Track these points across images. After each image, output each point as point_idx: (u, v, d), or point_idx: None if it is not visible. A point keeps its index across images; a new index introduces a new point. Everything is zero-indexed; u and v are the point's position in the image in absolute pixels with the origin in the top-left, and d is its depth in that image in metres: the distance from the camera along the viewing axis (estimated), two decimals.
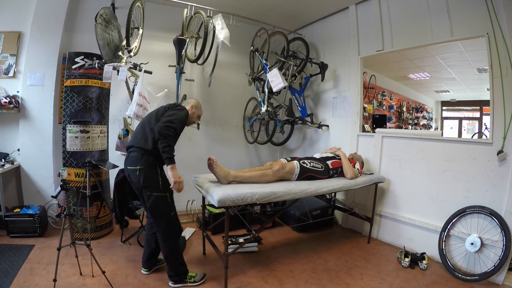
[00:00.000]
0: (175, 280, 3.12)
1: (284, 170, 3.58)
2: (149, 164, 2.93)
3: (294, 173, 3.65)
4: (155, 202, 2.98)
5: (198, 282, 3.16)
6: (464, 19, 3.63)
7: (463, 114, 10.73)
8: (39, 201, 4.44)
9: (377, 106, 7.28)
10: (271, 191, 3.14)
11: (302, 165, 3.71)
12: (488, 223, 3.39)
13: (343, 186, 3.79)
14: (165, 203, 3.02)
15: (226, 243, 3.06)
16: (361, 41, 4.88)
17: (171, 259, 3.09)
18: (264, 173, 3.48)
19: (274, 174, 3.51)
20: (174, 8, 4.93)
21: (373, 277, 3.44)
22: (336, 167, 3.99)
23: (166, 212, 3.04)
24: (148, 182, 2.94)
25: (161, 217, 3.04)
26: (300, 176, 3.67)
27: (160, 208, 3.02)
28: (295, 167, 3.66)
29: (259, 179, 3.42)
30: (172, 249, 3.08)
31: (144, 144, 2.94)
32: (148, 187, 2.95)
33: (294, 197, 3.32)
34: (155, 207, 3.01)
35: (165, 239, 3.06)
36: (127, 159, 3.07)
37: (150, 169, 2.94)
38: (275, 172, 3.52)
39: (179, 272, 3.12)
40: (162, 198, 2.98)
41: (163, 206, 3.02)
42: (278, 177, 3.54)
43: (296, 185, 3.43)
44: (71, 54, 4.09)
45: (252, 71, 5.69)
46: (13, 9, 4.43)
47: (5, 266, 3.25)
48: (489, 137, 3.49)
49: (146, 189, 2.96)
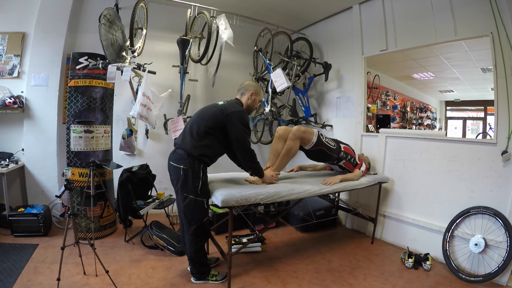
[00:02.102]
0: (197, 277, 3.20)
1: (304, 130, 3.60)
2: (193, 166, 2.94)
3: (312, 140, 3.64)
4: (189, 205, 2.99)
5: (220, 281, 3.21)
6: (468, 18, 3.61)
7: (467, 114, 10.69)
8: (43, 201, 4.46)
9: (381, 106, 7.25)
10: (275, 191, 3.13)
11: (319, 137, 3.71)
12: (492, 223, 3.37)
13: (347, 186, 3.76)
14: (200, 208, 3.02)
15: (229, 243, 3.07)
16: (365, 41, 4.87)
17: (195, 261, 3.15)
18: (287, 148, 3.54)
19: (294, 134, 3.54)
20: (178, 9, 4.93)
21: (376, 278, 3.43)
22: (347, 153, 3.94)
23: (199, 217, 3.05)
24: (187, 183, 2.96)
25: (193, 220, 3.06)
26: (315, 146, 3.66)
27: (194, 212, 3.03)
28: (314, 134, 3.67)
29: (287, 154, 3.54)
30: (197, 252, 3.13)
31: (191, 149, 2.95)
32: (185, 188, 2.97)
33: (297, 197, 3.29)
34: (189, 209, 3.02)
35: (192, 241, 3.08)
36: (172, 154, 3.10)
37: (193, 172, 2.94)
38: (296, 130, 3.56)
39: (201, 271, 3.19)
40: (198, 202, 2.99)
41: (198, 210, 3.02)
42: (298, 136, 3.54)
43: (300, 185, 3.41)
44: (75, 55, 4.10)
45: (255, 71, 5.69)
46: (17, 10, 4.46)
47: (9, 265, 3.27)
48: (494, 137, 3.47)
49: (183, 190, 2.99)
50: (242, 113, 3.06)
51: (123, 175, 3.87)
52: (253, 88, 3.26)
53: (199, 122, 3.03)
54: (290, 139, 3.53)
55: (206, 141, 2.97)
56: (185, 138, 3.03)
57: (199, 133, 2.97)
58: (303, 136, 3.58)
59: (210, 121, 3.00)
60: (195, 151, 2.93)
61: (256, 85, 3.34)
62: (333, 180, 3.64)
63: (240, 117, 3.01)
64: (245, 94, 3.26)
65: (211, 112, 3.06)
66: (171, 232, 4.05)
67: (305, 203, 4.54)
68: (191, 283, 3.18)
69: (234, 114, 2.99)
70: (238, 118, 2.99)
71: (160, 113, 4.89)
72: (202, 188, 2.98)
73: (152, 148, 5.28)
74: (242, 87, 3.31)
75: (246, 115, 3.12)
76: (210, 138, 2.99)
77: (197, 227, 3.05)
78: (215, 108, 3.08)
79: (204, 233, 3.17)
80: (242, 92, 3.29)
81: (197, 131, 2.98)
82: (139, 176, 4.12)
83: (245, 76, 5.80)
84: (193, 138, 2.97)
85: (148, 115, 4.11)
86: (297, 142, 3.54)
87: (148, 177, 4.35)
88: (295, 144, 3.52)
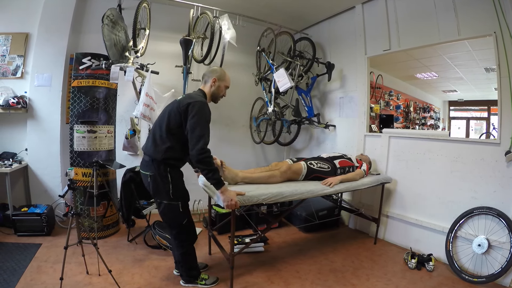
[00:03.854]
0: (186, 280, 3.15)
1: (291, 170, 3.56)
2: (159, 171, 2.83)
3: (301, 174, 3.63)
4: (165, 210, 2.93)
5: (209, 285, 3.16)
6: (471, 18, 3.60)
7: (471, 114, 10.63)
8: (47, 200, 4.47)
9: (384, 106, 7.23)
10: (278, 192, 3.13)
11: (309, 166, 3.68)
12: (496, 224, 3.35)
13: (349, 186, 3.76)
14: (176, 211, 2.91)
15: (232, 243, 3.05)
16: (368, 40, 4.86)
17: (184, 265, 3.10)
18: (272, 174, 3.45)
19: (281, 175, 3.48)
20: (181, 9, 4.94)
21: (379, 278, 3.43)
22: (344, 166, 3.93)
23: (177, 221, 2.97)
24: (158, 189, 2.87)
25: (172, 225, 3.02)
26: (307, 176, 3.65)
27: (171, 216, 2.97)
28: (302, 168, 3.64)
29: (267, 180, 3.40)
30: (184, 256, 3.07)
31: (154, 153, 2.84)
32: (158, 194, 2.89)
33: (300, 198, 3.31)
34: (165, 214, 2.97)
35: (176, 245, 3.05)
36: (141, 163, 3.03)
37: (160, 177, 2.83)
38: (283, 173, 3.49)
39: (190, 274, 3.13)
40: (172, 206, 2.89)
41: (174, 214, 2.93)
42: (285, 178, 3.52)
43: (303, 185, 3.42)
44: (78, 55, 4.12)
45: (258, 71, 5.68)
46: (21, 11, 4.48)
47: (13, 264, 3.28)
48: (497, 137, 3.45)
49: (156, 196, 2.92)
50: (200, 103, 2.75)
51: (126, 175, 3.88)
52: (216, 73, 3.01)
53: (160, 124, 2.88)
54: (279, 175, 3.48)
55: (169, 143, 2.80)
56: (148, 143, 2.95)
57: (161, 135, 2.83)
58: (291, 176, 3.58)
59: (169, 120, 2.81)
60: (158, 156, 2.81)
61: (220, 70, 3.07)
62: (333, 181, 3.61)
63: (195, 107, 2.71)
64: (208, 81, 3.00)
65: (169, 109, 2.87)
66: None
67: (308, 203, 4.54)
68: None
69: (189, 105, 2.72)
70: (193, 108, 2.71)
71: None
72: (174, 192, 2.86)
73: None
74: (204, 75, 3.06)
75: (204, 105, 2.79)
76: (173, 138, 2.81)
77: (177, 232, 3.01)
78: (172, 105, 2.91)
79: (189, 236, 3.08)
80: (205, 80, 3.04)
81: (160, 134, 2.85)
82: None
83: (248, 76, 5.82)
84: (155, 142, 2.86)
85: (151, 115, 4.11)
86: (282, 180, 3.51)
87: None
88: (279, 180, 3.48)
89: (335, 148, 5.40)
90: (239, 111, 6.11)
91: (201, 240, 4.27)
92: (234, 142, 6.08)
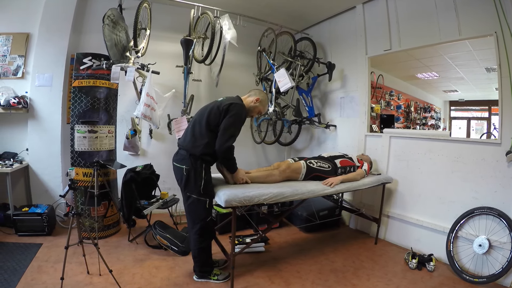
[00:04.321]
0: (199, 276, 3.23)
1: (290, 169, 3.57)
2: (195, 166, 2.95)
3: (301, 173, 3.62)
4: (193, 204, 3.03)
5: (221, 280, 3.22)
6: (472, 18, 3.60)
7: (472, 114, 10.64)
8: (47, 200, 4.47)
9: (385, 106, 7.24)
10: (279, 192, 3.13)
11: (308, 165, 3.68)
12: (497, 224, 3.35)
13: (350, 186, 3.76)
14: (203, 207, 3.02)
15: (233, 244, 3.07)
16: (369, 40, 4.86)
17: (199, 260, 3.18)
18: (270, 173, 3.48)
19: (280, 174, 3.49)
20: (181, 9, 4.95)
21: (380, 278, 3.42)
22: (345, 166, 3.93)
23: (202, 216, 3.06)
24: (190, 183, 2.98)
25: (196, 219, 3.08)
26: (307, 176, 3.65)
27: (197, 211, 3.05)
28: (301, 167, 3.63)
29: (265, 179, 3.42)
30: (201, 251, 3.15)
31: (192, 148, 2.97)
32: (189, 187, 3.00)
33: (301, 198, 3.32)
34: (192, 208, 3.08)
35: (196, 240, 3.11)
36: (176, 155, 3.15)
37: (195, 172, 2.95)
38: (282, 172, 3.51)
39: (203, 270, 3.22)
40: (201, 201, 3.00)
41: (201, 209, 3.03)
42: (284, 177, 3.53)
43: (304, 185, 3.41)
44: (79, 55, 4.12)
45: (259, 71, 5.68)
46: (21, 11, 4.49)
47: (13, 264, 3.28)
48: (498, 138, 3.45)
49: (186, 189, 3.03)
50: (240, 106, 3.02)
51: (127, 175, 3.88)
52: (262, 96, 3.27)
53: (200, 120, 3.03)
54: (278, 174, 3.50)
55: (207, 139, 2.95)
56: (186, 138, 3.08)
57: (201, 131, 2.98)
58: (290, 176, 3.59)
59: (209, 118, 2.98)
60: (196, 151, 2.95)
61: (266, 97, 3.36)
62: (334, 181, 3.60)
63: (236, 108, 2.96)
64: (252, 96, 3.23)
65: (210, 108, 3.05)
66: (175, 232, 4.07)
67: (309, 203, 4.53)
68: (194, 282, 3.19)
69: (230, 105, 2.95)
70: (233, 109, 2.94)
71: (164, 113, 4.91)
72: (204, 188, 2.98)
73: (156, 148, 5.29)
74: (252, 90, 3.33)
75: (243, 108, 3.07)
76: (211, 135, 2.96)
77: (200, 227, 3.06)
78: (213, 104, 3.09)
79: (208, 233, 3.17)
80: (250, 94, 3.28)
81: (199, 130, 2.99)
82: (143, 176, 4.12)
83: (249, 76, 5.81)
84: (194, 137, 3.00)
85: (152, 115, 4.11)
86: (281, 179, 3.53)
87: (152, 177, 4.35)
88: (278, 179, 3.49)
89: (336, 148, 5.39)
90: None
91: None
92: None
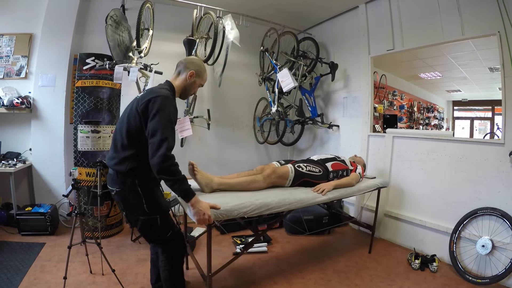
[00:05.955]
0: None
1: (276, 175, 3.11)
2: (127, 185, 2.28)
3: (288, 179, 3.18)
4: (144, 226, 2.40)
5: None
6: (475, 17, 3.58)
7: (475, 114, 10.59)
8: (51, 200, 4.50)
9: (388, 106, 7.21)
10: (263, 203, 2.68)
11: (297, 169, 3.24)
12: (500, 225, 3.34)
13: (344, 193, 3.41)
14: (156, 226, 2.35)
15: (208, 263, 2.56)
16: (371, 40, 4.85)
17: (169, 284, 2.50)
18: (253, 179, 3.01)
19: (265, 180, 3.04)
20: (184, 9, 4.95)
21: (382, 279, 3.42)
22: (337, 170, 3.55)
23: (160, 236, 2.43)
24: (129, 205, 2.37)
25: (155, 240, 2.54)
26: (295, 181, 3.22)
27: (152, 233, 2.46)
28: (288, 172, 3.19)
29: (247, 186, 2.96)
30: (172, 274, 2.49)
31: (117, 165, 2.28)
32: (131, 210, 2.41)
33: (288, 208, 2.88)
34: (145, 231, 2.48)
35: (165, 263, 2.49)
36: (107, 178, 2.45)
37: (129, 192, 2.29)
38: (266, 177, 3.05)
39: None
40: (151, 221, 2.34)
41: (154, 230, 2.40)
42: (269, 183, 3.08)
43: (291, 193, 3.00)
44: (82, 55, 4.14)
45: (262, 71, 5.68)
46: (24, 12, 4.51)
47: (16, 263, 3.30)
48: (501, 138, 3.43)
49: (130, 214, 2.46)
50: (161, 99, 2.18)
51: None
52: (195, 66, 2.49)
53: (121, 129, 2.30)
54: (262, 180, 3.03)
55: (133, 150, 2.23)
56: (110, 154, 2.39)
57: (122, 143, 2.27)
58: (276, 182, 3.12)
59: (129, 124, 2.24)
60: (122, 167, 2.25)
61: (201, 64, 2.55)
62: (326, 187, 3.21)
63: (156, 104, 2.15)
64: (183, 73, 2.47)
65: (129, 111, 2.30)
66: None
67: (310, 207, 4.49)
68: (196, 282, 3.18)
69: (148, 103, 2.16)
70: (153, 106, 2.15)
71: None
72: (149, 206, 2.30)
73: None
74: (181, 63, 2.52)
75: (166, 100, 2.20)
76: (137, 145, 2.23)
77: (164, 248, 2.47)
78: (131, 104, 2.34)
79: (176, 251, 2.51)
80: (179, 70, 2.50)
81: (121, 141, 2.28)
82: None
83: (252, 76, 5.81)
84: (117, 152, 2.30)
85: None
86: (266, 185, 3.07)
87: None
88: (262, 185, 3.04)
89: (339, 148, 5.39)
90: (242, 111, 6.11)
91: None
92: (237, 142, 6.09)
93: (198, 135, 5.39)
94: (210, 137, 5.72)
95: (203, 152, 5.62)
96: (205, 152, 5.65)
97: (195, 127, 5.02)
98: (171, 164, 2.10)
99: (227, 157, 5.82)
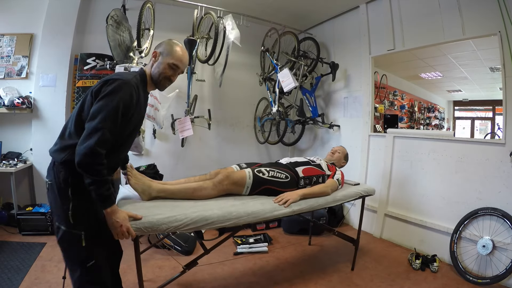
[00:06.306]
0: None
1: (229, 181, 2.63)
2: (58, 179, 1.86)
3: (245, 186, 2.70)
4: (63, 240, 1.88)
5: None
6: (476, 17, 3.58)
7: (476, 114, 10.58)
8: None
9: (389, 106, 7.20)
10: (200, 216, 2.20)
11: (256, 175, 2.75)
12: (501, 225, 3.34)
13: (315, 204, 2.86)
14: (76, 245, 1.85)
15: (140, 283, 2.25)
16: (372, 40, 4.85)
17: None
18: (200, 186, 2.57)
19: (215, 187, 2.59)
20: (185, 9, 4.94)
21: (383, 279, 3.42)
22: (310, 176, 3.05)
23: (78, 258, 1.88)
24: (56, 205, 1.90)
25: (71, 264, 1.94)
26: (254, 189, 2.74)
27: (70, 251, 1.91)
28: (246, 178, 2.70)
29: (192, 194, 2.53)
30: None
31: (55, 153, 1.90)
32: (56, 213, 1.93)
33: (236, 223, 2.38)
34: (62, 245, 1.90)
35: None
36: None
37: (58, 188, 1.87)
38: (217, 184, 2.59)
39: None
40: (72, 236, 1.84)
41: (74, 249, 1.87)
42: (221, 190, 2.62)
43: (244, 204, 2.52)
44: (82, 55, 4.15)
45: (262, 71, 5.68)
46: (25, 12, 4.50)
47: (17, 263, 3.30)
48: (502, 138, 3.43)
49: (54, 217, 1.97)
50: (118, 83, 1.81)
51: None
52: (160, 46, 2.20)
53: (73, 114, 1.93)
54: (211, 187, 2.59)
55: (76, 139, 1.77)
56: (55, 141, 1.98)
57: (70, 130, 1.89)
58: (230, 189, 2.66)
59: (82, 107, 1.87)
60: (60, 156, 1.85)
61: (168, 42, 2.23)
62: (290, 197, 2.71)
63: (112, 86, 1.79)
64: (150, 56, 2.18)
65: (86, 94, 1.91)
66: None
67: None
68: (197, 282, 3.18)
69: (104, 84, 1.82)
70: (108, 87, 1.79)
71: (168, 113, 4.90)
72: (75, 214, 1.83)
73: (159, 148, 5.29)
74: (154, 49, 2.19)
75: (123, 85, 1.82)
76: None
77: (78, 277, 1.89)
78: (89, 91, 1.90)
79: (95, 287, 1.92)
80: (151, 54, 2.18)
81: (70, 127, 1.90)
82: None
83: (252, 76, 5.82)
84: (63, 138, 1.92)
85: (156, 115, 4.12)
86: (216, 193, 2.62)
87: (156, 176, 4.35)
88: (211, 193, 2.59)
89: None
90: (243, 111, 6.11)
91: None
92: (238, 142, 6.09)
93: (198, 135, 5.39)
94: (211, 137, 5.72)
95: (204, 152, 5.63)
96: (206, 152, 5.66)
97: (196, 127, 5.02)
98: (94, 162, 1.71)
99: (227, 157, 5.81)
